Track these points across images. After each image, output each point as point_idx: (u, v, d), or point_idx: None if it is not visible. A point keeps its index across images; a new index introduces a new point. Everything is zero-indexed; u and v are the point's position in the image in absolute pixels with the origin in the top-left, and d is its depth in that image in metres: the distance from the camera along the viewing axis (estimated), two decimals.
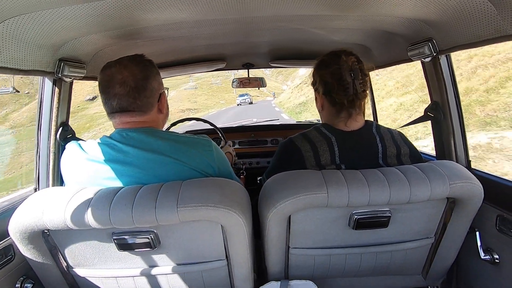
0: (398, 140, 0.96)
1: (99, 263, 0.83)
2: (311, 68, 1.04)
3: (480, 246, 0.96)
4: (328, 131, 0.94)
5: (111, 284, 0.88)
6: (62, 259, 0.83)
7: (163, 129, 0.95)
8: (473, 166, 1.09)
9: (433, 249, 0.96)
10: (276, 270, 0.97)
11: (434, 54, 1.02)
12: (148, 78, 0.85)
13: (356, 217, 0.83)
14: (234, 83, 2.35)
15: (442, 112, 1.10)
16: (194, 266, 0.85)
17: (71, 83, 1.08)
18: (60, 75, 0.98)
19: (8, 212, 0.82)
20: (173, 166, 0.82)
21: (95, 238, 0.79)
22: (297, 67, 2.30)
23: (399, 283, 1.06)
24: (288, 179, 0.84)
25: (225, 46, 1.56)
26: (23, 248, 0.79)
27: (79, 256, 0.82)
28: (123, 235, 0.77)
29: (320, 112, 1.03)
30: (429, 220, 0.90)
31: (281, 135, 2.29)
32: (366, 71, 0.94)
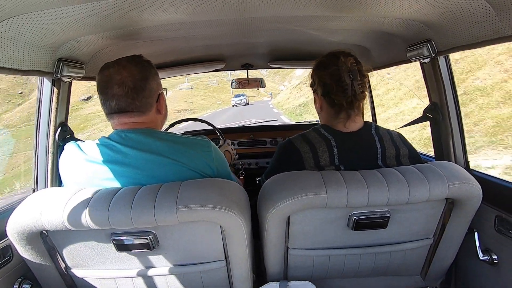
0: (397, 141, 0.97)
1: (98, 264, 0.83)
2: (309, 69, 1.04)
3: (479, 247, 0.97)
4: (327, 132, 0.94)
5: (110, 285, 0.87)
6: (61, 260, 0.83)
7: (162, 130, 0.95)
8: None
9: (432, 250, 0.96)
10: (275, 271, 0.97)
11: (433, 55, 1.02)
12: (147, 79, 0.84)
13: (355, 218, 0.83)
14: (233, 84, 2.34)
15: (441, 113, 1.10)
16: (193, 267, 0.85)
17: (70, 84, 1.08)
18: (59, 75, 0.98)
19: (6, 213, 0.82)
20: (172, 167, 0.82)
21: (94, 239, 0.79)
22: (296, 68, 2.30)
23: (398, 284, 1.06)
24: (287, 180, 0.84)
25: (224, 47, 1.56)
26: (21, 249, 0.78)
27: (78, 257, 0.82)
28: (122, 236, 0.76)
29: (319, 113, 1.03)
30: (428, 221, 0.90)
31: (280, 136, 2.29)
32: (365, 72, 0.94)
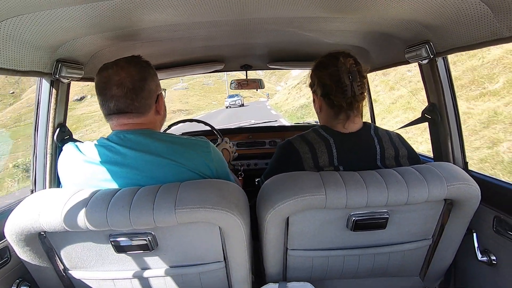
0: (396, 142, 0.97)
1: (96, 265, 0.83)
2: (308, 70, 1.04)
3: (478, 248, 0.97)
4: (326, 133, 0.94)
5: (108, 286, 0.87)
6: (59, 261, 0.82)
7: (161, 131, 0.94)
8: None
9: (431, 251, 0.97)
10: (274, 272, 0.97)
11: (431, 56, 1.02)
12: (146, 80, 0.84)
13: (354, 219, 0.83)
14: (233, 85, 2.34)
15: (439, 114, 1.10)
16: (192, 268, 0.85)
17: (69, 84, 1.08)
18: (58, 76, 0.97)
19: (4, 214, 0.82)
20: (171, 168, 0.82)
21: (92, 240, 0.78)
22: (295, 69, 2.30)
23: (397, 285, 1.06)
24: (286, 181, 0.84)
25: (223, 48, 1.56)
26: (19, 250, 0.78)
27: (76, 258, 0.82)
28: (121, 237, 0.76)
29: (318, 114, 1.03)
30: (427, 222, 0.90)
31: (279, 137, 2.29)
32: (364, 73, 0.94)
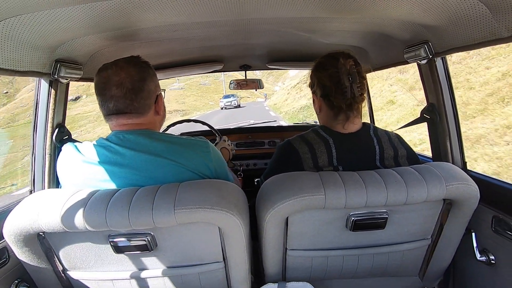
0: (395, 142, 0.97)
1: (95, 266, 0.83)
2: (307, 70, 1.04)
3: (476, 247, 0.97)
4: (326, 133, 0.95)
5: (108, 287, 0.87)
6: (58, 262, 0.82)
7: (160, 131, 0.94)
8: None
9: (430, 250, 0.97)
10: (274, 272, 0.97)
11: (430, 57, 1.02)
12: (145, 80, 0.84)
13: (353, 219, 0.83)
14: (232, 85, 2.34)
15: (438, 114, 1.10)
16: (191, 269, 0.84)
17: (68, 85, 1.08)
18: (57, 76, 0.97)
19: (3, 215, 0.81)
20: (170, 168, 0.82)
21: (91, 241, 0.78)
22: (295, 69, 2.30)
23: (396, 285, 1.07)
24: (286, 181, 0.84)
25: (223, 48, 1.56)
26: (18, 251, 0.78)
27: (75, 259, 0.82)
28: (120, 238, 0.76)
29: (318, 114, 1.03)
30: (426, 222, 0.90)
31: (278, 137, 2.29)
32: (364, 74, 0.94)
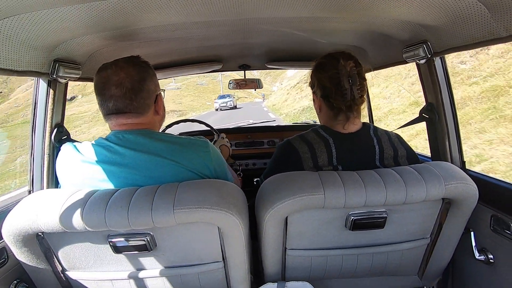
0: (395, 142, 0.97)
1: (95, 266, 0.83)
2: (306, 70, 1.03)
3: (475, 246, 0.97)
4: (326, 133, 0.95)
5: (107, 287, 0.87)
6: (57, 262, 0.82)
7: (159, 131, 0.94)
8: None
9: (429, 250, 0.97)
10: (273, 272, 0.97)
11: (429, 56, 1.03)
12: (145, 80, 0.84)
13: (353, 218, 0.84)
14: (231, 85, 2.34)
15: (437, 113, 1.11)
16: (191, 268, 0.84)
17: (66, 84, 1.08)
18: (55, 76, 0.97)
19: (1, 215, 0.81)
20: (170, 168, 0.81)
21: (91, 241, 0.78)
22: (294, 69, 2.30)
23: (396, 284, 1.07)
24: (285, 180, 0.84)
25: (222, 48, 1.56)
26: (17, 251, 0.77)
27: (74, 259, 0.81)
28: (119, 238, 0.76)
29: (318, 114, 1.03)
30: (425, 221, 0.90)
31: (278, 137, 2.29)
32: (364, 75, 0.94)
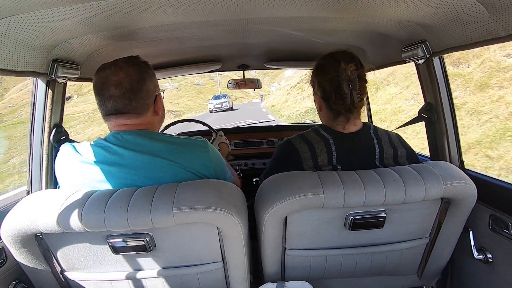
0: (395, 142, 0.97)
1: (94, 267, 0.82)
2: (305, 70, 1.03)
3: (474, 246, 0.97)
4: (326, 133, 0.95)
5: None
6: (56, 263, 0.82)
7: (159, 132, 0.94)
8: None
9: (428, 249, 0.97)
10: (273, 272, 0.97)
11: (428, 56, 1.03)
12: (144, 80, 0.84)
13: (352, 218, 0.84)
14: (230, 85, 2.34)
15: (436, 113, 1.11)
16: (190, 269, 0.84)
17: (65, 85, 1.07)
18: (54, 76, 0.96)
19: (0, 216, 0.81)
20: (169, 168, 0.81)
21: (89, 241, 0.78)
22: (293, 68, 2.30)
23: (395, 283, 1.07)
24: (284, 180, 0.84)
25: (221, 48, 1.56)
26: (16, 252, 0.77)
27: (73, 260, 0.81)
28: (118, 238, 0.76)
29: (319, 113, 1.03)
30: (424, 220, 0.91)
31: (277, 137, 2.29)
32: (365, 77, 0.94)
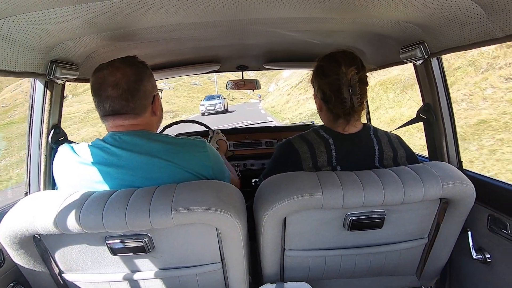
0: (395, 143, 0.97)
1: (92, 268, 0.82)
2: (304, 70, 1.03)
3: (472, 246, 0.98)
4: (326, 133, 0.95)
5: None
6: (54, 264, 0.81)
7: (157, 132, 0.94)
8: None
9: (427, 250, 0.97)
10: (272, 272, 0.97)
11: (426, 57, 1.03)
12: (142, 80, 0.84)
13: (351, 219, 0.84)
14: (229, 85, 2.34)
15: (434, 114, 1.11)
16: (189, 270, 0.84)
17: (63, 85, 1.07)
18: (52, 77, 0.96)
19: None
20: (167, 169, 0.81)
21: (88, 243, 0.78)
22: (291, 69, 2.30)
23: (394, 284, 1.07)
24: (284, 181, 0.84)
25: (219, 48, 1.56)
26: (14, 254, 0.77)
27: (71, 261, 0.81)
28: (116, 239, 0.76)
29: (319, 113, 1.02)
30: (423, 221, 0.91)
31: (276, 137, 2.29)
32: (366, 78, 0.93)
